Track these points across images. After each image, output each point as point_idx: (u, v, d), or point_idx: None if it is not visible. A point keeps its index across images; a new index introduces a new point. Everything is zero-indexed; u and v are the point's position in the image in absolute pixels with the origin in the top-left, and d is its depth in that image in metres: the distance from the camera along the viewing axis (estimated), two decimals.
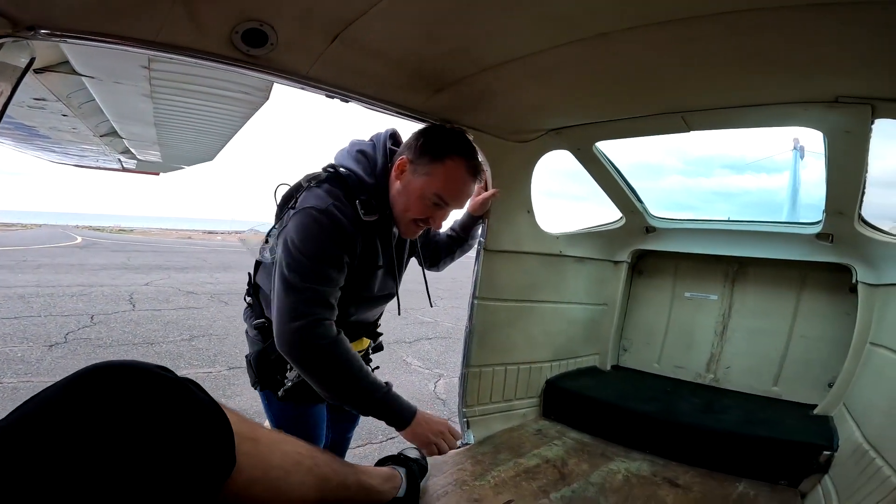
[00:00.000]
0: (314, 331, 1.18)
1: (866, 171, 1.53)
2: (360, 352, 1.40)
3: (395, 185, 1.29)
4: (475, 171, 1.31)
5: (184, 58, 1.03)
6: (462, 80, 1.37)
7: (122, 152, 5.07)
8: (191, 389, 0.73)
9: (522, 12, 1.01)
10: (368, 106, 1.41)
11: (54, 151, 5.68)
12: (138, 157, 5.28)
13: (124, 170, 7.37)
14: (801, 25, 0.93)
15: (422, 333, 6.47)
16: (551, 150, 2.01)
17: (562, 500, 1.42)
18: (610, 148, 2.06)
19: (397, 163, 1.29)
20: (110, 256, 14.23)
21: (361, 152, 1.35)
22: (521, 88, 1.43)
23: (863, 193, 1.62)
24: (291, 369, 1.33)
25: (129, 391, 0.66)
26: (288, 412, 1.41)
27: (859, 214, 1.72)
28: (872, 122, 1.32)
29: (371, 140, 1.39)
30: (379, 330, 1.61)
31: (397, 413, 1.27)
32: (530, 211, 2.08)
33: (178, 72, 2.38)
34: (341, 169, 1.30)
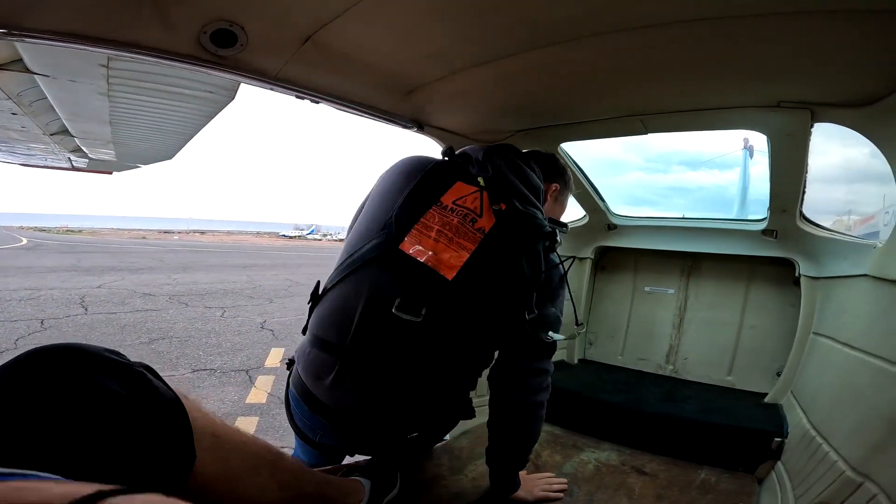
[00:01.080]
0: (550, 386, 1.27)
1: (806, 172, 1.62)
2: None
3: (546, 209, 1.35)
4: None
5: (149, 58, 1.01)
6: (433, 82, 1.40)
7: (72, 151, 4.82)
8: (145, 375, 0.67)
9: (493, 19, 1.04)
10: (339, 107, 1.40)
11: None
12: (90, 155, 5.03)
13: (74, 169, 7.01)
14: (744, 35, 1.00)
15: None
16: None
17: None
18: (574, 145, 2.11)
19: (552, 188, 1.41)
20: (59, 258, 13.50)
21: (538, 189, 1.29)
22: (490, 91, 1.46)
23: (804, 192, 1.72)
24: None
25: (74, 376, 0.59)
26: None
27: (801, 212, 1.82)
28: (812, 126, 1.41)
29: (530, 166, 1.30)
30: None
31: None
32: None
33: (139, 70, 2.30)
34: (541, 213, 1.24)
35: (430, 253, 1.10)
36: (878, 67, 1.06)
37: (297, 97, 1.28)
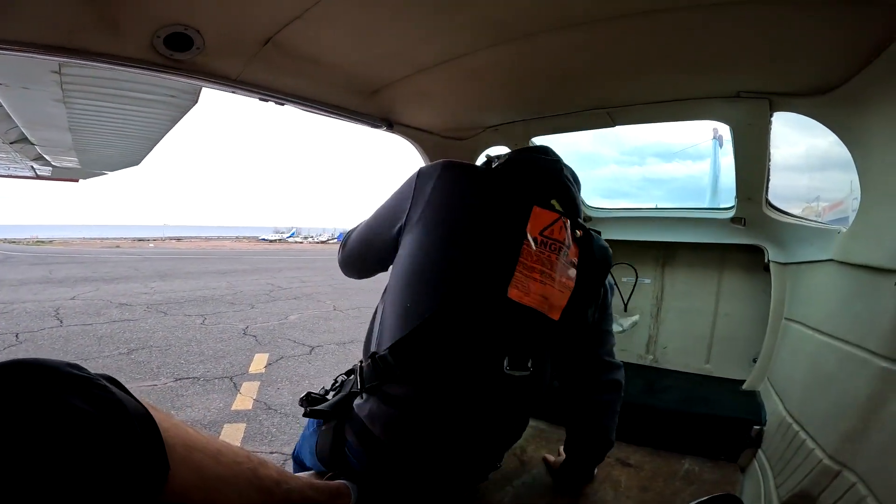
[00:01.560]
0: None
1: (769, 160, 1.65)
2: None
3: None
4: None
5: (101, 64, 0.97)
6: (398, 81, 1.39)
7: (34, 159, 4.66)
8: (108, 388, 0.63)
9: (452, 16, 1.04)
10: (306, 108, 1.39)
11: None
12: (54, 163, 4.87)
13: (38, 177, 6.80)
14: (702, 26, 1.01)
15: None
16: (490, 146, 2.06)
17: (523, 486, 1.45)
18: (546, 139, 2.13)
19: None
20: (29, 270, 13.06)
21: None
22: (456, 88, 1.46)
23: (768, 180, 1.75)
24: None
25: (33, 394, 0.55)
26: None
27: (766, 199, 1.85)
28: (771, 115, 1.44)
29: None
30: None
31: None
32: None
33: (93, 76, 2.23)
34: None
35: (538, 295, 1.00)
36: (834, 56, 1.08)
37: (261, 99, 1.26)
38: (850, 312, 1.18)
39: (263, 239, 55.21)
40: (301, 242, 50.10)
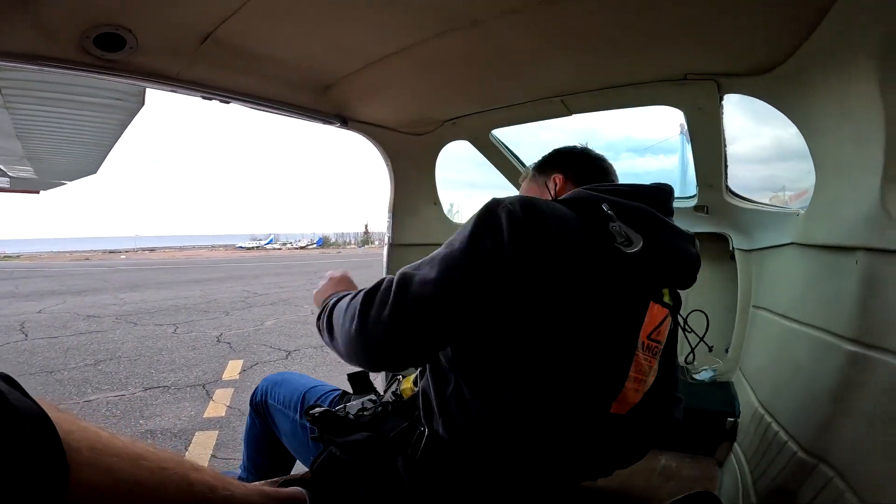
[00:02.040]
0: None
1: (725, 146, 1.63)
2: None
3: None
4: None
5: (31, 66, 0.96)
6: (349, 75, 1.37)
7: None
8: None
9: (395, 5, 1.02)
10: (254, 106, 1.37)
11: None
12: (9, 173, 4.72)
13: None
14: (647, 5, 0.99)
15: None
16: (450, 140, 2.05)
17: None
18: (521, 136, 2.12)
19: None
20: None
21: None
22: (410, 80, 1.44)
23: (726, 166, 1.73)
24: None
25: None
26: None
27: (726, 186, 1.81)
28: (721, 98, 1.41)
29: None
30: None
31: None
32: (437, 203, 2.13)
33: (31, 79, 2.18)
34: None
35: (630, 404, 0.87)
36: (773, 33, 1.06)
37: (204, 98, 1.25)
38: (815, 295, 1.14)
39: (241, 247, 54.23)
40: (280, 249, 49.38)
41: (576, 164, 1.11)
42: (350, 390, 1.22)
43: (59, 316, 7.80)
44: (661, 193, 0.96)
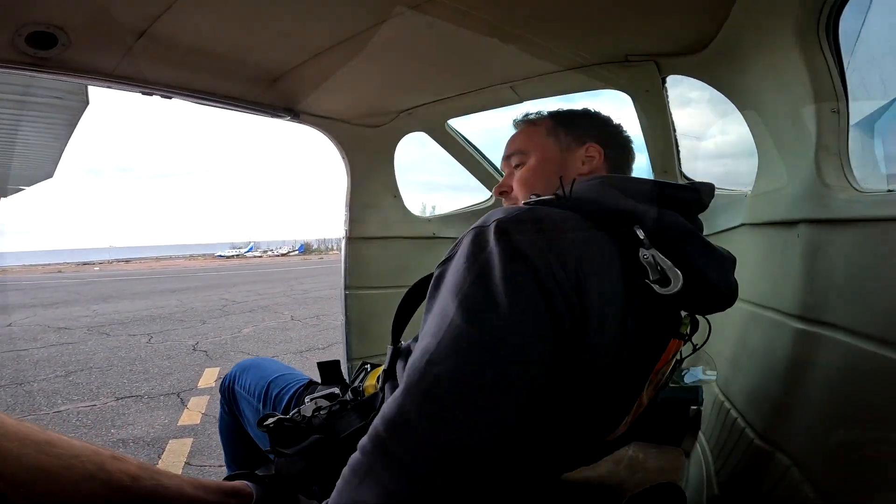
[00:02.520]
0: None
1: (674, 130, 1.60)
2: None
3: None
4: (519, 120, 1.00)
5: None
6: (296, 67, 1.36)
7: None
8: None
9: None
10: (197, 101, 1.37)
11: None
12: None
13: None
14: None
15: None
16: (407, 132, 2.03)
17: None
18: (489, 128, 2.10)
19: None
20: None
21: None
22: (359, 70, 1.42)
23: (678, 150, 1.71)
24: None
25: None
26: None
27: (680, 171, 1.80)
28: (664, 80, 1.40)
29: None
30: None
31: None
32: (397, 195, 2.12)
33: None
34: None
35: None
36: (700, 8, 1.06)
37: (144, 94, 1.25)
38: (765, 274, 1.12)
39: (220, 255, 53.33)
40: (260, 256, 48.71)
41: (615, 142, 0.91)
42: (318, 380, 1.19)
43: (30, 328, 7.61)
44: (702, 197, 0.78)
